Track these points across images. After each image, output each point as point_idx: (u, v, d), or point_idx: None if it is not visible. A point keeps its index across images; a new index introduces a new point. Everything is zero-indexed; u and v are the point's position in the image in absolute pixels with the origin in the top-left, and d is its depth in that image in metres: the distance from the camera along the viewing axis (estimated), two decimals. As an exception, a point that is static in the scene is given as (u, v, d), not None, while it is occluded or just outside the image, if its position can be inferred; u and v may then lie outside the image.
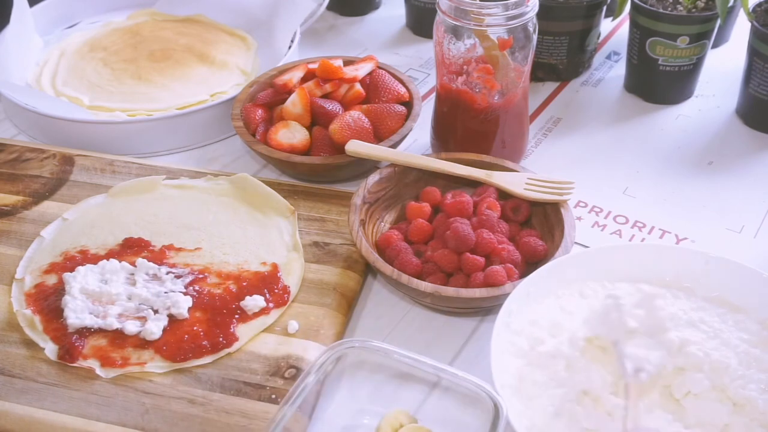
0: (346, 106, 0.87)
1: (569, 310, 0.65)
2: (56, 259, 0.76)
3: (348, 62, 0.91)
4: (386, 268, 0.69)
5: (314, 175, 0.86)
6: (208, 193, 0.83)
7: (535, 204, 0.77)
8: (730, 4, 0.90)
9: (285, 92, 0.88)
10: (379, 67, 0.91)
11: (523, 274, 0.69)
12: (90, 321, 0.69)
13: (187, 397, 0.64)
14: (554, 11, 0.97)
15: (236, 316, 0.69)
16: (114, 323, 0.68)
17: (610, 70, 1.07)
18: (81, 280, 0.72)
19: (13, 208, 0.82)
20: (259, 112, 0.87)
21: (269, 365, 0.66)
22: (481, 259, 0.71)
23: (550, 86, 1.04)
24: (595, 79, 1.05)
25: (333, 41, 1.16)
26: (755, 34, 0.91)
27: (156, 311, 0.70)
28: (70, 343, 0.67)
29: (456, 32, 0.79)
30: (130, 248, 0.77)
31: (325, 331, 0.69)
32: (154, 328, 0.68)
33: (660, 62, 0.96)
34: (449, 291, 0.67)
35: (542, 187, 0.77)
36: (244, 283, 0.72)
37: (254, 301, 0.70)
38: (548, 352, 0.61)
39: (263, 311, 0.70)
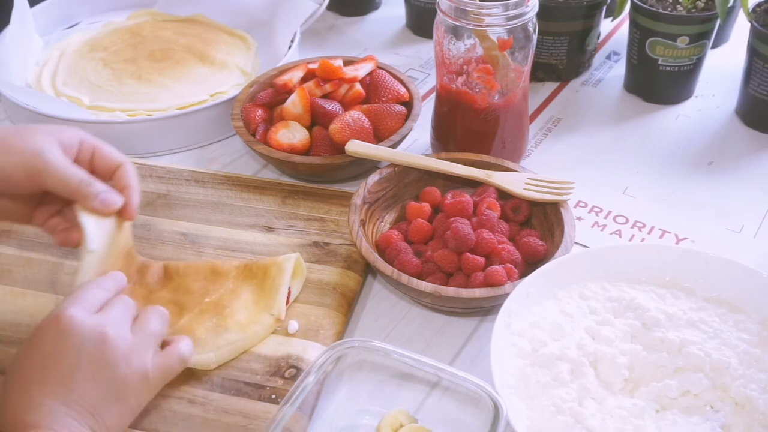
0: (346, 106, 0.87)
1: (570, 313, 0.65)
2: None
3: (348, 62, 0.91)
4: (386, 268, 0.69)
5: (314, 175, 0.86)
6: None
7: (535, 204, 0.77)
8: (730, 4, 0.90)
9: (285, 92, 0.88)
10: (379, 67, 0.91)
11: (523, 274, 0.69)
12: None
13: (187, 397, 0.64)
14: (554, 11, 0.97)
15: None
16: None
17: (610, 70, 1.07)
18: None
19: (13, 208, 0.82)
20: (259, 112, 0.87)
21: (269, 365, 0.66)
22: (481, 259, 0.71)
23: (550, 86, 1.04)
24: (595, 79, 1.05)
25: (333, 41, 1.16)
26: (755, 34, 0.91)
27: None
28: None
29: (456, 32, 0.79)
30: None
31: (325, 331, 0.69)
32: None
33: (660, 62, 0.96)
34: (449, 291, 0.67)
35: (542, 187, 0.77)
36: (244, 283, 0.73)
37: (254, 301, 0.70)
38: (553, 354, 0.61)
39: (263, 311, 0.70)
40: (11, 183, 0.62)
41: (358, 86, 0.88)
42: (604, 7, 1.01)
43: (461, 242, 0.71)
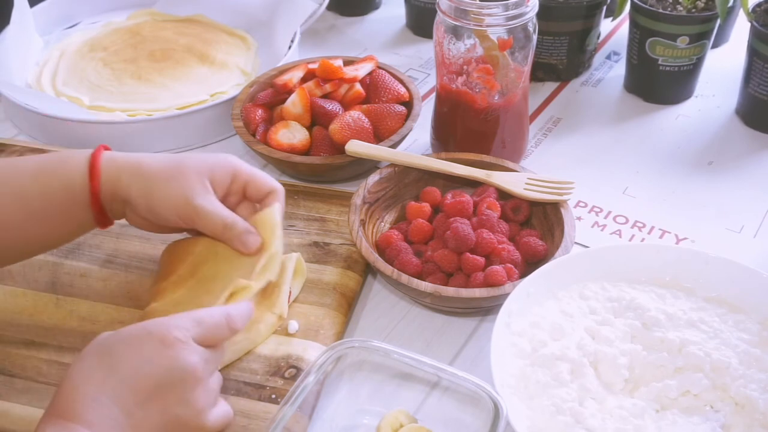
0: (346, 106, 0.87)
1: (570, 313, 0.65)
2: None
3: (348, 62, 0.91)
4: (386, 268, 0.69)
5: (314, 175, 0.86)
6: None
7: (535, 204, 0.77)
8: (730, 4, 0.90)
9: (285, 92, 0.88)
10: (379, 67, 0.91)
11: (523, 274, 0.69)
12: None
13: (187, 397, 0.64)
14: (554, 11, 0.97)
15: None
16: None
17: (610, 70, 1.07)
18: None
19: (13, 208, 0.82)
20: (259, 112, 0.87)
21: (269, 365, 0.66)
22: (481, 259, 0.71)
23: (550, 86, 1.04)
24: (595, 79, 1.05)
25: (333, 41, 1.16)
26: (755, 34, 0.91)
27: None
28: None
29: (456, 32, 0.79)
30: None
31: (325, 331, 0.69)
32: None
33: (660, 62, 0.96)
34: (449, 291, 0.67)
35: (542, 187, 0.77)
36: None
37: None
38: (553, 354, 0.61)
39: (263, 311, 0.70)
40: (171, 224, 0.67)
41: (358, 86, 0.88)
42: (604, 7, 1.01)
43: (461, 242, 0.71)
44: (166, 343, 0.54)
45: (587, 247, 0.80)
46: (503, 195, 0.78)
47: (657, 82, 0.98)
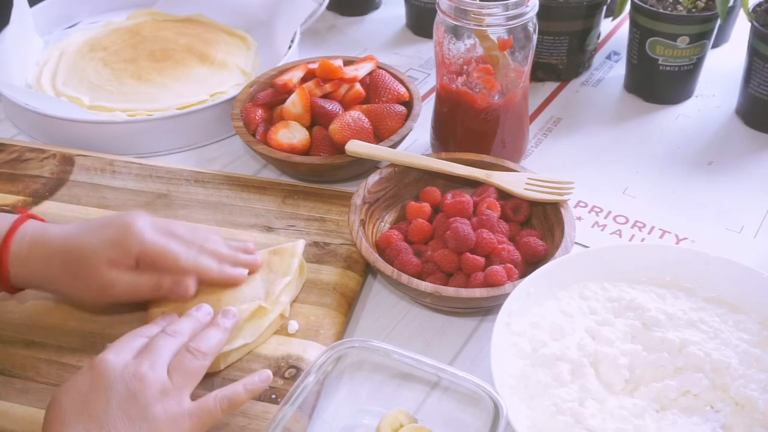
0: (346, 106, 0.87)
1: (570, 313, 0.65)
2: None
3: (348, 62, 0.91)
4: (386, 268, 0.69)
5: (314, 175, 0.86)
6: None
7: (535, 204, 0.77)
8: (730, 4, 0.90)
9: (285, 92, 0.88)
10: (379, 67, 0.91)
11: (523, 274, 0.69)
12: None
13: (187, 397, 0.64)
14: (554, 11, 0.97)
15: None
16: (114, 323, 0.69)
17: (610, 70, 1.07)
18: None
19: (13, 208, 0.82)
20: (259, 112, 0.87)
21: (269, 365, 0.66)
22: (481, 259, 0.71)
23: (550, 86, 1.04)
24: (595, 79, 1.05)
25: (333, 41, 1.16)
26: (755, 34, 0.91)
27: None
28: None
29: (456, 32, 0.79)
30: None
31: (325, 331, 0.69)
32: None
33: (660, 62, 0.96)
34: (449, 291, 0.67)
35: (542, 187, 0.77)
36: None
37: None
38: (554, 354, 0.61)
39: (263, 311, 0.70)
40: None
41: (358, 86, 0.88)
42: (604, 7, 1.01)
43: (461, 242, 0.71)
44: (94, 365, 0.56)
45: (587, 247, 0.80)
46: (503, 195, 0.78)
47: (657, 82, 0.98)
